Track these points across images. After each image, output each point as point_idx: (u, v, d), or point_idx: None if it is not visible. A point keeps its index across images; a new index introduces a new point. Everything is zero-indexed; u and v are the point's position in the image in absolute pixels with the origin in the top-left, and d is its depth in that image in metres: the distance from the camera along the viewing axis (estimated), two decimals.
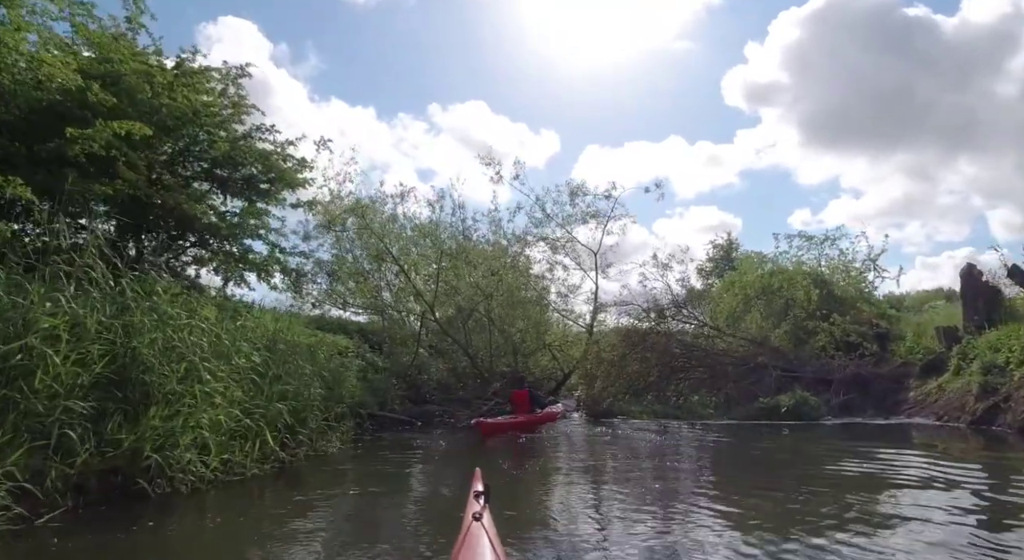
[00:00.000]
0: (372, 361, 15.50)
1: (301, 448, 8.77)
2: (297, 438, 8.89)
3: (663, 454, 10.12)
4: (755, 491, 6.59)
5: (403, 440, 12.03)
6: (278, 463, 7.90)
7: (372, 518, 6.04)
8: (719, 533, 4.80)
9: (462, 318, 16.11)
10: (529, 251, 18.65)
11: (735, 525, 5.06)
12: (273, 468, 7.74)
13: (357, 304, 16.35)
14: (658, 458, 9.63)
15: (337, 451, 9.59)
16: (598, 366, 16.08)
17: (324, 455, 9.30)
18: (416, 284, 15.69)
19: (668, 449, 10.71)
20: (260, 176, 12.74)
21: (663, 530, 4.97)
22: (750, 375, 16.70)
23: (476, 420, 12.70)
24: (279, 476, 7.61)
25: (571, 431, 14.14)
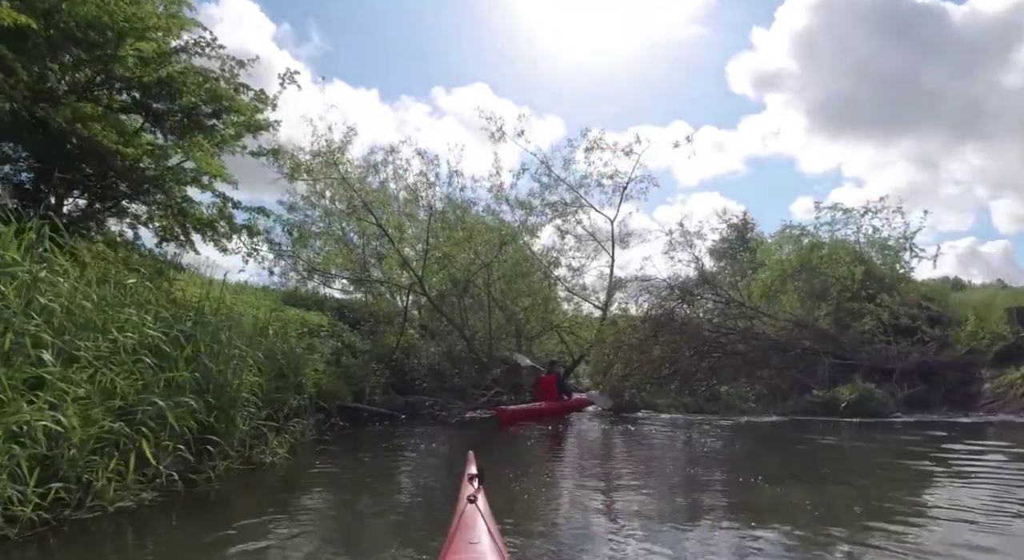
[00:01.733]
0: (350, 342, 12.99)
1: (222, 461, 6.22)
2: (225, 444, 6.36)
3: (700, 459, 8.07)
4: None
5: (380, 440, 9.59)
6: (175, 484, 5.35)
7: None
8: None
9: (457, 292, 13.55)
10: (535, 218, 16.01)
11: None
12: (166, 493, 5.21)
13: (334, 275, 13.67)
14: (697, 465, 7.41)
15: (281, 461, 7.03)
16: (616, 351, 13.55)
17: (264, 466, 6.79)
18: (401, 251, 13.09)
19: (708, 452, 8.43)
20: (203, 107, 10.12)
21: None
22: (795, 363, 14.20)
23: (497, 408, 11.66)
24: (172, 506, 5.06)
25: (586, 428, 11.65)
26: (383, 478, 6.80)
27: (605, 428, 11.43)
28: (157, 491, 5.12)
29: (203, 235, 10.54)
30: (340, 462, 7.67)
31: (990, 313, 16.99)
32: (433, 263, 13.48)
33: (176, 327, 6.50)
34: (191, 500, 5.29)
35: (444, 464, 8.10)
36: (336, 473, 7.04)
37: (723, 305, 14.72)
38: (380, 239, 13.13)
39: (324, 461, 7.69)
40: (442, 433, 10.56)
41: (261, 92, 10.73)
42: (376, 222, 12.21)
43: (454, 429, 10.93)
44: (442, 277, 13.73)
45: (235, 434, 6.51)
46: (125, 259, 9.23)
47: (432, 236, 12.95)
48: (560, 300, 17.55)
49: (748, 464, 7.77)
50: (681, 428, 11.22)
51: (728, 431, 10.70)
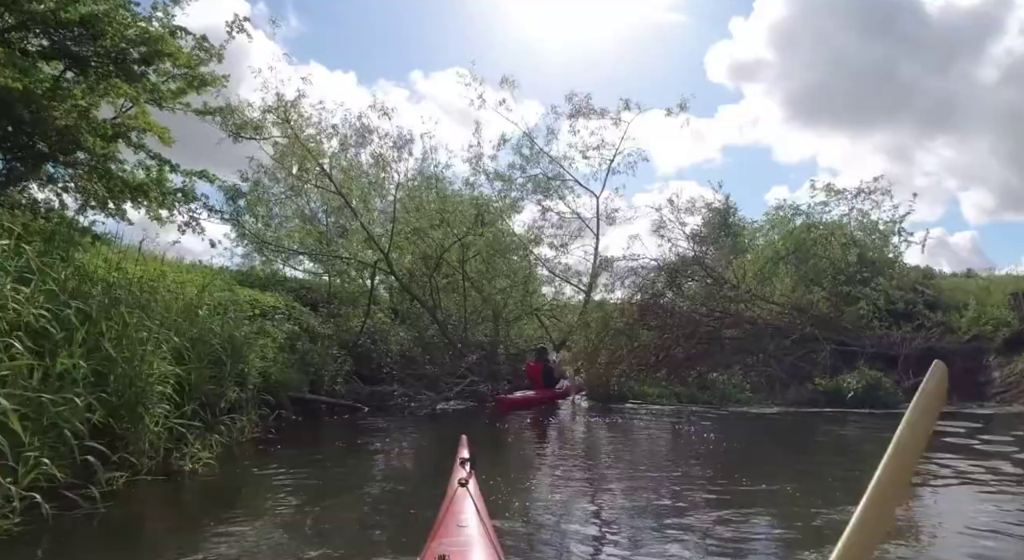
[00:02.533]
0: (309, 326, 11.68)
1: (122, 472, 4.96)
2: (129, 449, 5.10)
3: (693, 452, 7.43)
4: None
5: (337, 435, 8.42)
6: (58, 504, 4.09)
7: None
8: None
9: (427, 270, 12.28)
10: (516, 193, 14.77)
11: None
12: (37, 519, 3.94)
13: (288, 249, 12.18)
14: (690, 459, 6.72)
15: (208, 466, 5.76)
16: (602, 336, 12.41)
17: (183, 474, 5.53)
18: (366, 224, 11.74)
19: (703, 445, 7.35)
20: (131, 52, 8.70)
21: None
22: (793, 350, 13.21)
23: (496, 395, 11.54)
24: (36, 538, 3.80)
25: (570, 420, 10.54)
26: (333, 484, 5.61)
27: (591, 420, 10.35)
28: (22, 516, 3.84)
29: (133, 201, 9.16)
30: (284, 464, 6.42)
31: (989, 298, 16.27)
32: (402, 239, 12.19)
33: (74, 305, 5.19)
34: (70, 525, 4.04)
35: (407, 465, 6.94)
36: (274, 478, 5.80)
37: (715, 287, 13.62)
38: (343, 211, 11.78)
39: (264, 463, 6.44)
40: (410, 427, 9.39)
41: (203, 39, 9.35)
42: (335, 189, 10.86)
43: (424, 422, 9.75)
44: (413, 255, 12.44)
45: (144, 437, 5.23)
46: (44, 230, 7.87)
47: (401, 208, 11.66)
48: (541, 282, 16.36)
49: (746, 459, 7.05)
50: (673, 420, 10.16)
51: (725, 423, 9.69)
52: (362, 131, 11.06)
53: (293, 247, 11.63)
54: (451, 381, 11.55)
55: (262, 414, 7.93)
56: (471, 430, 9.58)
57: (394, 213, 11.54)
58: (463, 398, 11.52)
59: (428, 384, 11.32)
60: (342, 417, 9.89)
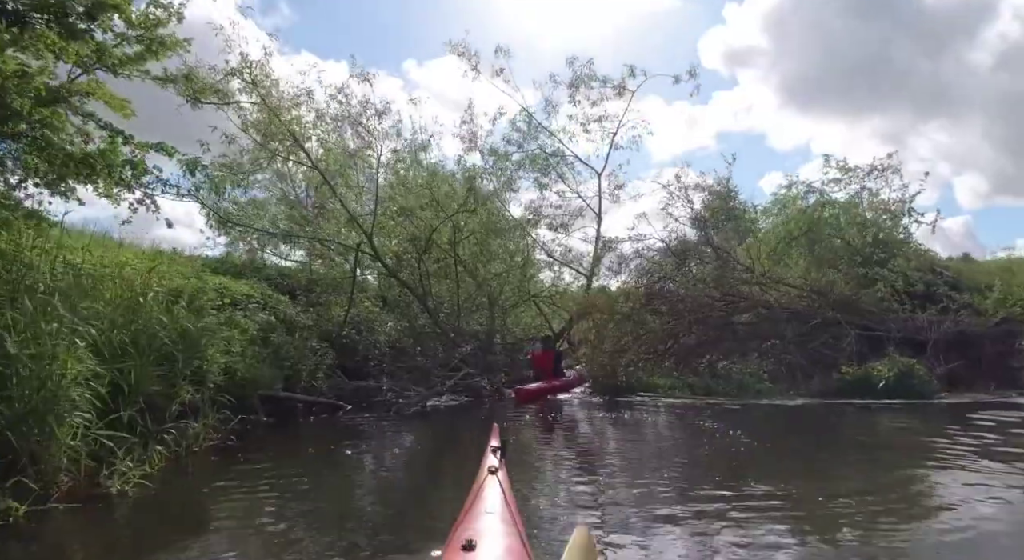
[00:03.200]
0: (287, 316, 10.64)
1: (20, 500, 3.94)
2: (34, 470, 4.09)
3: (713, 453, 6.43)
4: None
5: (311, 440, 7.46)
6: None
7: None
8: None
9: (416, 253, 11.21)
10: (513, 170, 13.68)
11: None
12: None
13: (258, 229, 10.97)
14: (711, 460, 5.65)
15: (136, 489, 4.73)
16: (607, 323, 11.40)
17: (112, 496, 4.51)
18: (346, 202, 10.61)
19: (725, 446, 6.56)
20: (74, 4, 7.60)
21: None
22: (815, 335, 12.24)
23: (514, 388, 10.95)
24: None
25: (575, 416, 9.55)
26: (296, 503, 4.58)
27: (598, 416, 9.37)
28: None
29: (79, 177, 8.08)
30: (240, 477, 5.39)
31: (1013, 279, 15.40)
32: (387, 219, 11.12)
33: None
34: None
35: (389, 475, 5.92)
36: (223, 497, 4.76)
37: (727, 270, 12.59)
38: (322, 190, 10.68)
39: (216, 477, 5.40)
40: (397, 427, 8.39)
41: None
42: (311, 162, 9.76)
43: (413, 421, 8.75)
44: (399, 237, 11.37)
45: (54, 454, 4.20)
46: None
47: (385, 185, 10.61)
48: (539, 266, 15.30)
49: (766, 458, 6.31)
50: (688, 414, 9.20)
51: (745, 417, 8.78)
52: (340, 97, 9.92)
53: (265, 227, 10.49)
54: (443, 374, 10.53)
55: (223, 417, 6.87)
56: (469, 429, 8.70)
57: (376, 191, 10.46)
58: (456, 393, 10.51)
59: (418, 378, 10.31)
60: (320, 417, 8.89)
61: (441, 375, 10.67)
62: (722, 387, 10.74)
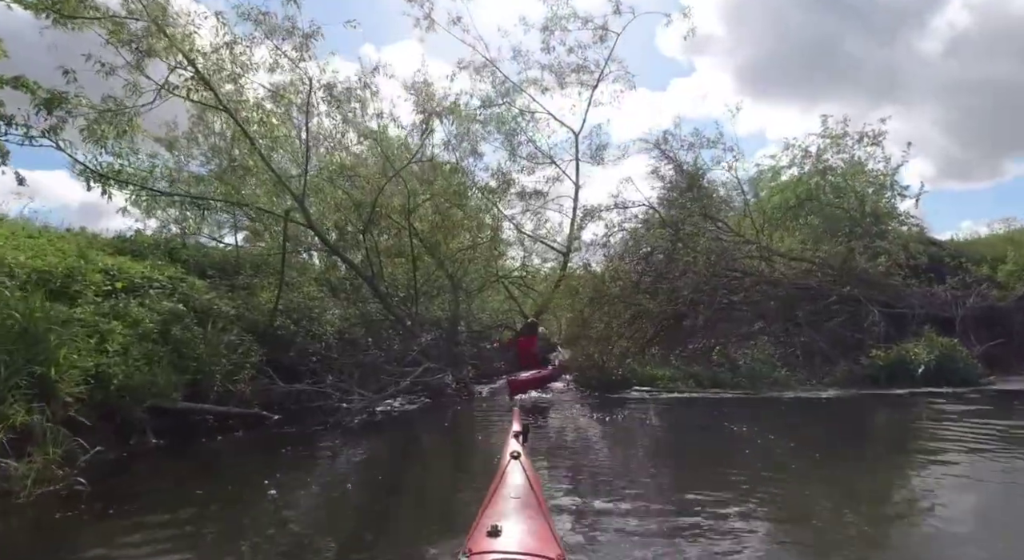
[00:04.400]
0: (200, 303, 8.54)
1: None
2: None
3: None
4: None
5: (207, 473, 5.36)
6: None
7: None
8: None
9: (360, 223, 9.16)
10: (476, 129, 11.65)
11: None
12: None
13: (149, 189, 8.49)
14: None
15: None
16: (595, 306, 9.58)
17: None
18: (269, 159, 8.38)
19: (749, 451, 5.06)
20: None
21: None
22: (830, 314, 10.67)
23: (509, 379, 9.83)
24: None
25: (562, 417, 7.68)
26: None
27: (591, 419, 7.51)
28: None
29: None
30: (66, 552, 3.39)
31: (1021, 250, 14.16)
32: (323, 179, 9.03)
33: None
34: None
35: (314, 534, 3.96)
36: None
37: (728, 243, 10.86)
38: (239, 142, 8.48)
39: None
40: (340, 444, 6.42)
41: None
42: (220, 103, 7.54)
43: (358, 435, 6.79)
44: (341, 206, 9.27)
45: None
46: None
47: (320, 134, 8.52)
48: (509, 242, 13.39)
49: (792, 474, 4.87)
50: (700, 415, 7.44)
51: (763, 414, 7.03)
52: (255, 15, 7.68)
53: (158, 186, 8.18)
54: (396, 371, 8.56)
55: (70, 450, 4.81)
56: (434, 442, 6.83)
57: (307, 140, 8.31)
58: (413, 393, 8.56)
59: (365, 377, 8.32)
60: (237, 435, 6.84)
61: (394, 372, 8.69)
62: (732, 378, 9.01)
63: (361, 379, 8.47)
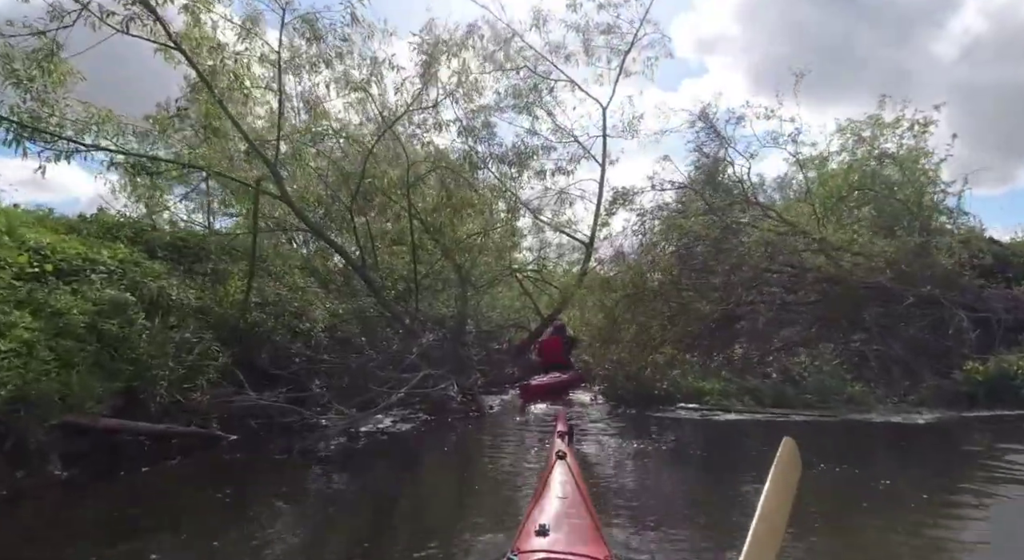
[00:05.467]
0: (150, 292, 7.05)
1: None
2: None
3: None
4: None
5: (101, 538, 3.77)
6: None
7: None
8: None
9: (347, 197, 7.62)
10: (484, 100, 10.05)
11: None
12: None
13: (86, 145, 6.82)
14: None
15: None
16: (632, 304, 8.00)
17: None
18: (228, 109, 6.72)
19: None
20: None
21: None
22: (904, 319, 9.04)
23: (521, 384, 9.11)
24: None
25: (600, 447, 6.06)
26: None
27: (627, 443, 5.91)
28: None
29: None
30: None
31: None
32: (303, 145, 7.47)
33: None
34: None
35: None
36: None
37: (784, 235, 9.25)
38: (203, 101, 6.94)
39: None
40: (306, 480, 4.87)
41: None
42: (172, 41, 5.94)
43: (340, 466, 5.22)
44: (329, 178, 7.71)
45: None
46: None
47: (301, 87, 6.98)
48: (523, 233, 11.82)
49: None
50: (770, 441, 5.82)
51: (870, 454, 5.42)
52: None
53: (87, 139, 6.55)
54: (391, 379, 7.01)
55: None
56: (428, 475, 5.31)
57: (280, 90, 6.71)
58: (410, 406, 7.01)
59: (353, 384, 6.78)
60: (183, 460, 5.30)
61: (388, 379, 7.14)
62: (798, 394, 7.42)
63: (348, 389, 6.94)
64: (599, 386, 8.47)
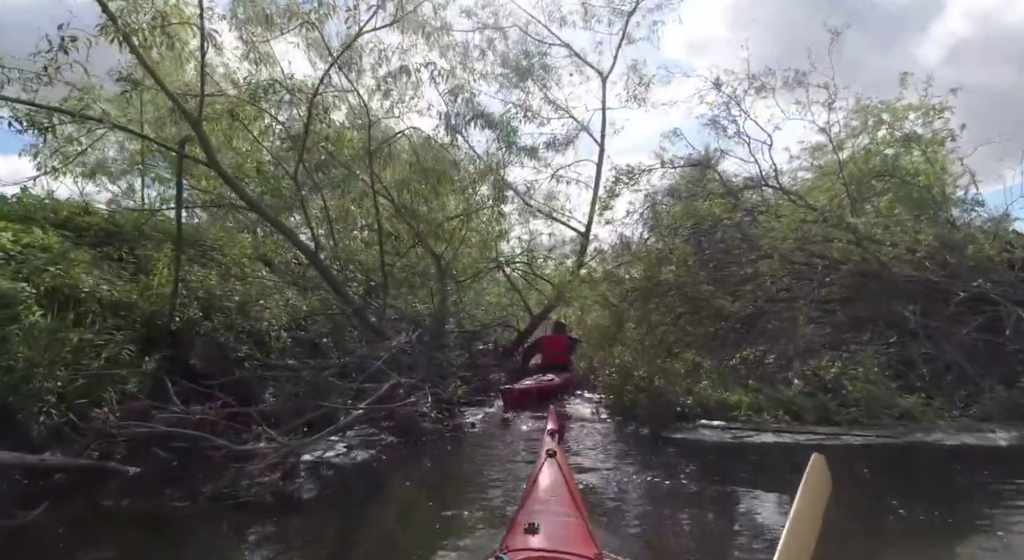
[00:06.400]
0: (57, 281, 5.77)
1: None
2: None
3: None
4: None
5: None
6: None
7: None
8: None
9: (293, 159, 6.25)
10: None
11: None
12: None
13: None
14: None
15: None
16: (641, 299, 6.72)
17: None
18: (144, 53, 5.31)
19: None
20: None
21: None
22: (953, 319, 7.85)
23: (503, 388, 7.93)
24: None
25: (610, 480, 4.73)
26: None
27: (646, 481, 4.60)
28: None
29: None
30: None
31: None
32: (237, 99, 6.07)
33: None
34: None
35: None
36: None
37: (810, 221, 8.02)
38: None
39: None
40: (209, 542, 3.52)
41: None
42: None
43: (266, 519, 3.84)
44: (271, 141, 6.34)
45: None
46: None
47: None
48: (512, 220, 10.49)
49: None
50: (847, 478, 4.56)
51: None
52: None
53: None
54: (349, 390, 5.67)
55: None
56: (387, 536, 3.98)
57: (201, 16, 5.25)
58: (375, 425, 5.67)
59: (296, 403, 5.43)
60: (49, 507, 3.90)
61: (348, 390, 5.81)
62: (841, 407, 6.18)
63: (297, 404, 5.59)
64: (601, 396, 7.14)
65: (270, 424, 5.14)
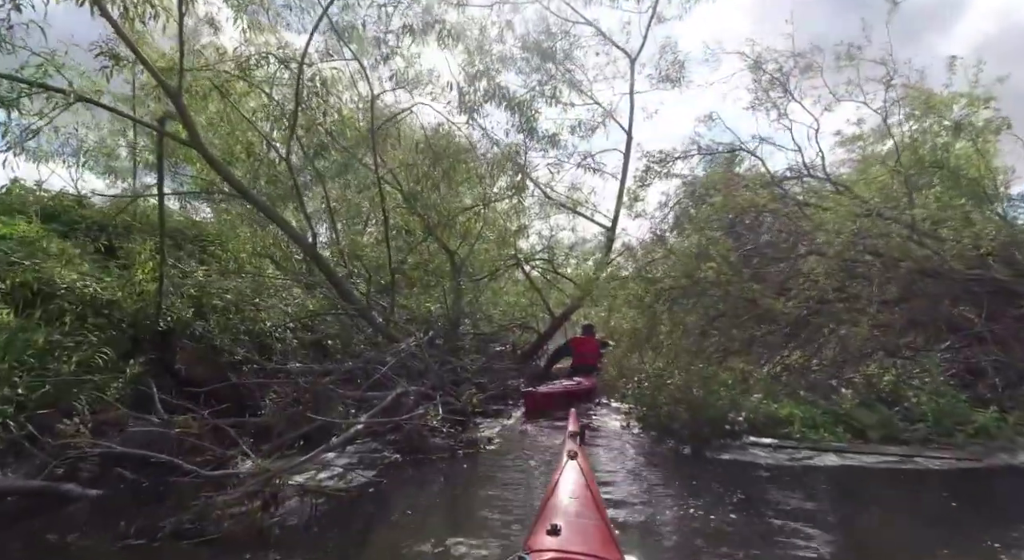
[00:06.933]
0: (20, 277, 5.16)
1: None
2: None
3: None
4: None
5: None
6: None
7: None
8: None
9: (282, 139, 5.62)
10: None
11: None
12: None
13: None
14: None
15: None
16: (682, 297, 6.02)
17: None
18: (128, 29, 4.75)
19: None
20: None
21: None
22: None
23: (526, 391, 7.39)
24: None
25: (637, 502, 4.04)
26: None
27: (696, 519, 3.91)
28: None
29: None
30: None
31: None
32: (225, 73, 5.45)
33: None
34: None
35: None
36: None
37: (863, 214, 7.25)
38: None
39: None
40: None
41: None
42: None
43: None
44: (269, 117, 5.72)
45: None
46: None
47: None
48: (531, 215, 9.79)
49: None
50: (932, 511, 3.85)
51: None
52: None
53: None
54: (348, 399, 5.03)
55: None
56: None
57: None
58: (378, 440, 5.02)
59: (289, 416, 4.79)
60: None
61: (346, 399, 5.17)
62: (905, 424, 5.42)
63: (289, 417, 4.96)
64: (632, 407, 6.42)
65: (260, 439, 4.51)
